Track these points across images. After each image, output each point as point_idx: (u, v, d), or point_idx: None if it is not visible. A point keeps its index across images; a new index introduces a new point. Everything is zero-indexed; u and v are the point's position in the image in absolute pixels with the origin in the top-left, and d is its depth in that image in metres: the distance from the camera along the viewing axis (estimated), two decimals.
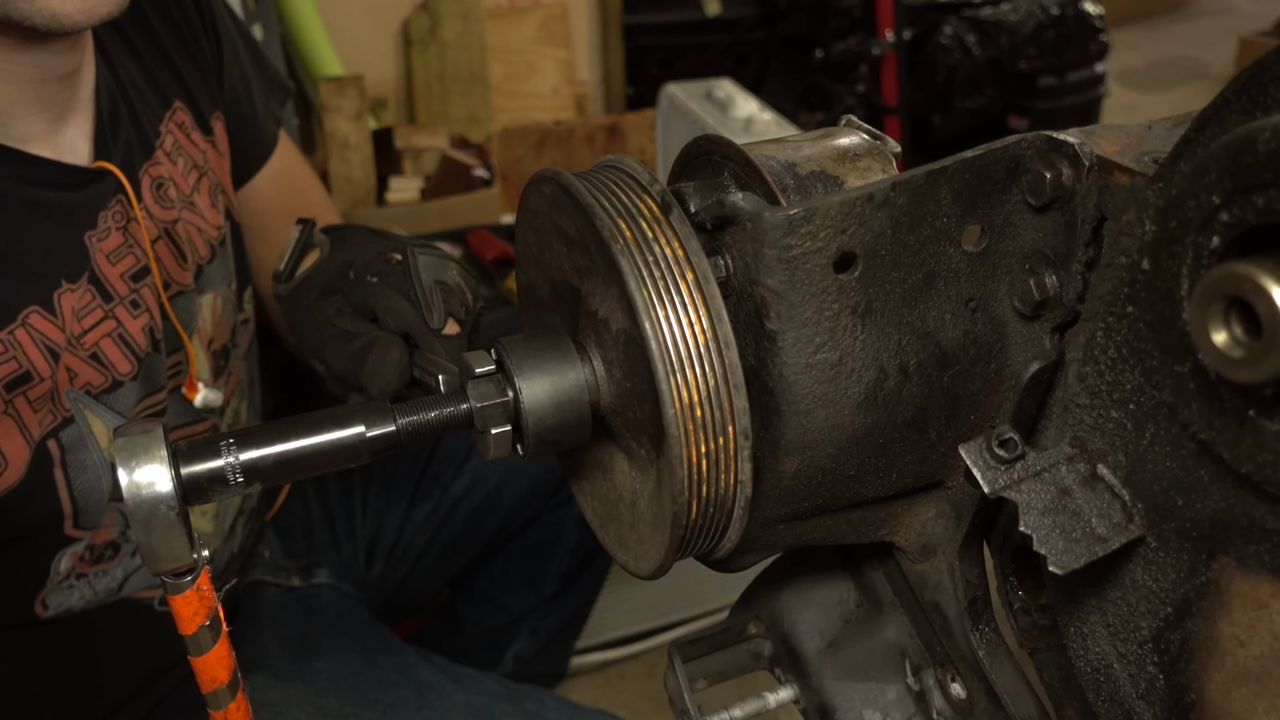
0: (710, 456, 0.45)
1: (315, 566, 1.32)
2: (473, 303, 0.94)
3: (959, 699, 0.59)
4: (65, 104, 0.96)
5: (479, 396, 0.51)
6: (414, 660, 1.22)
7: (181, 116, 1.11)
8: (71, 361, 0.95)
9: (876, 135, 0.53)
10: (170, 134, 1.09)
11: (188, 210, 1.09)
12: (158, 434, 0.48)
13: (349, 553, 1.37)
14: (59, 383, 0.94)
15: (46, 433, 0.93)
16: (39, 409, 0.92)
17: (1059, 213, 0.46)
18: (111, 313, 0.98)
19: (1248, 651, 0.42)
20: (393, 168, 2.66)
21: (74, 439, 0.95)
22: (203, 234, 1.12)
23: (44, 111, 0.94)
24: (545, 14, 3.25)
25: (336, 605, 1.29)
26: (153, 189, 1.05)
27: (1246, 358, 0.34)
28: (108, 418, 0.98)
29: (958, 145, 0.90)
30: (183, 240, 1.08)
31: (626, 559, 0.54)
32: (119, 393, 0.99)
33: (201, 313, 1.11)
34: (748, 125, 1.89)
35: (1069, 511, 0.45)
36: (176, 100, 1.11)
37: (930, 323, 0.48)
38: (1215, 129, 0.38)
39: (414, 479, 1.41)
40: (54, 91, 0.94)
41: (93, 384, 0.96)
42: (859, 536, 0.56)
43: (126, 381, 0.99)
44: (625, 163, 0.50)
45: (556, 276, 0.54)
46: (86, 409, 0.96)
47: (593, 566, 1.55)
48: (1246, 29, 4.92)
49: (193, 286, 1.09)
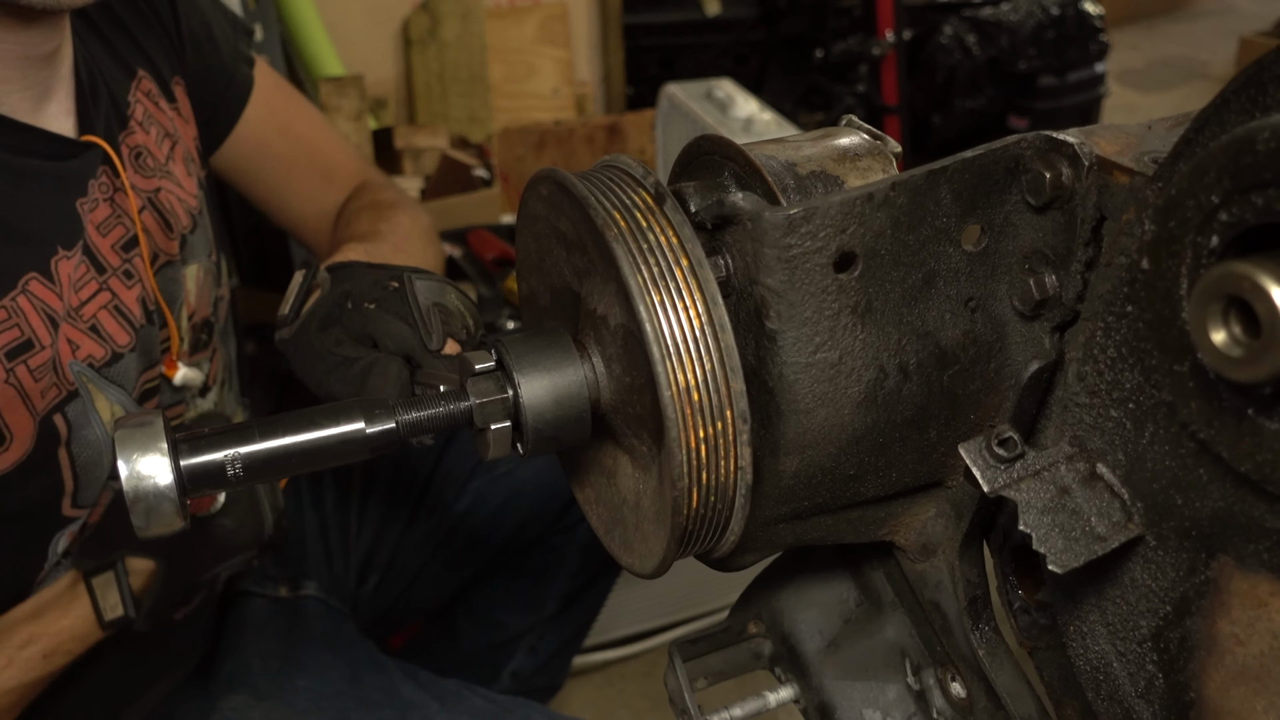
0: (709, 442, 0.45)
1: (304, 578, 1.31)
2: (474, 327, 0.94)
3: (959, 698, 0.59)
4: (47, 82, 0.97)
5: (479, 393, 0.51)
6: (399, 679, 1.21)
7: (147, 85, 1.11)
8: (72, 334, 0.95)
9: (876, 135, 0.53)
10: (139, 103, 1.09)
11: (166, 179, 1.10)
12: (158, 426, 0.48)
13: (340, 565, 1.36)
14: (61, 355, 0.94)
15: (52, 407, 0.94)
16: (40, 378, 0.92)
17: (1059, 212, 0.46)
18: (106, 284, 0.99)
19: (1247, 650, 0.42)
20: (393, 168, 2.66)
21: (79, 414, 0.96)
22: (183, 203, 1.12)
23: (27, 90, 0.95)
24: (545, 14, 3.25)
25: (322, 619, 1.28)
26: (132, 159, 1.06)
27: (1245, 357, 0.34)
28: (110, 391, 0.99)
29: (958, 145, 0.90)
30: (166, 210, 1.08)
31: (631, 561, 0.54)
32: (120, 365, 0.99)
33: (186, 284, 1.12)
34: (748, 125, 1.89)
35: (1068, 510, 0.45)
36: (140, 69, 1.10)
37: (930, 322, 0.48)
38: (1215, 129, 0.39)
39: (415, 495, 1.40)
40: (37, 69, 0.95)
41: (95, 357, 0.97)
42: (859, 536, 0.56)
43: (126, 354, 1.00)
44: (620, 160, 0.50)
45: (557, 283, 0.54)
46: (90, 382, 0.97)
47: (593, 589, 1.54)
48: (1246, 29, 4.92)
49: (179, 257, 1.10)
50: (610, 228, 0.46)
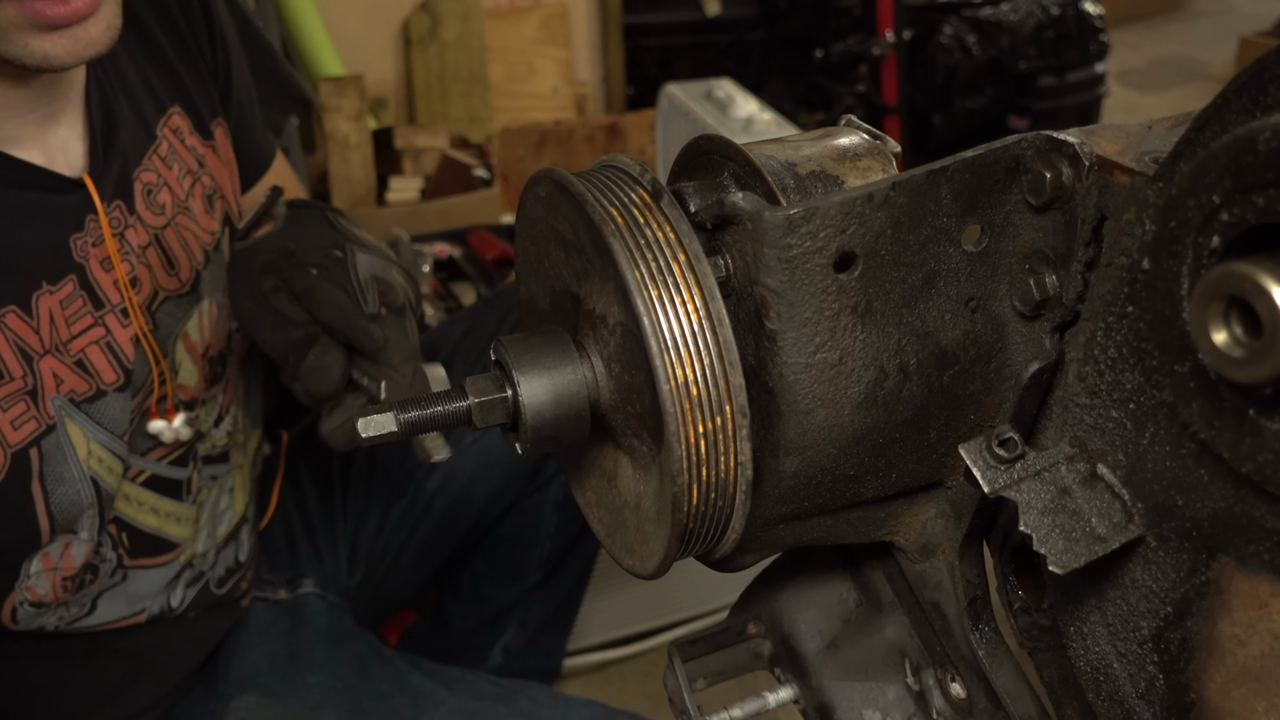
0: (708, 437, 0.45)
1: (300, 577, 1.33)
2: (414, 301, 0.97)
3: (959, 699, 0.59)
4: (52, 104, 0.96)
5: (478, 393, 0.51)
6: (404, 668, 1.23)
7: (178, 121, 1.11)
8: (56, 367, 0.94)
9: (876, 135, 0.53)
10: (165, 139, 1.09)
11: (182, 215, 1.09)
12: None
13: (332, 561, 1.37)
14: (45, 388, 0.93)
15: (29, 440, 0.93)
16: (7, 408, 0.92)
17: (1059, 212, 0.46)
18: (101, 320, 0.98)
19: (1248, 651, 0.42)
20: (393, 168, 2.66)
21: (52, 448, 0.95)
22: (198, 239, 1.11)
23: (29, 112, 0.94)
24: (545, 14, 3.25)
25: (324, 616, 1.29)
26: (143, 194, 1.05)
27: (1246, 357, 0.34)
28: (88, 428, 0.97)
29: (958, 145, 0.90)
30: (173, 246, 1.07)
31: (632, 563, 0.54)
32: (101, 402, 0.98)
33: (200, 319, 1.11)
34: (748, 125, 1.89)
35: (1069, 511, 0.45)
36: (173, 105, 1.11)
37: (930, 322, 0.48)
38: (1215, 129, 0.38)
39: (389, 480, 1.42)
40: (38, 92, 0.94)
41: (76, 391, 0.96)
42: (859, 536, 0.56)
43: (110, 392, 0.99)
44: (618, 160, 0.50)
45: (556, 285, 0.54)
46: (67, 416, 0.96)
47: (575, 553, 1.54)
48: (1246, 29, 4.92)
49: (186, 291, 1.09)
50: (607, 223, 0.46)
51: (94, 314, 0.97)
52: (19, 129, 0.93)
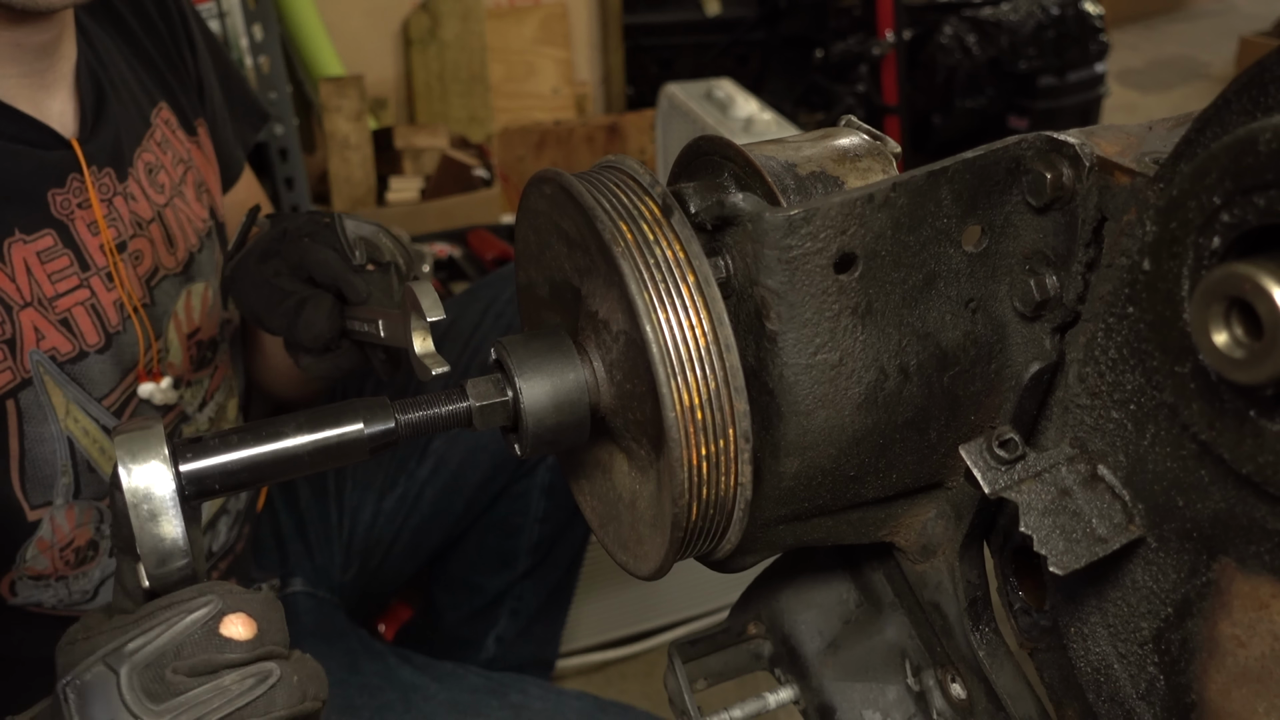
0: (710, 459, 0.45)
1: (289, 576, 1.34)
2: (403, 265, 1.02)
3: (959, 699, 0.59)
4: (44, 74, 0.99)
5: (479, 395, 0.51)
6: (395, 663, 1.23)
7: (166, 114, 1.16)
8: (39, 321, 0.96)
9: (876, 135, 0.53)
10: (158, 128, 1.13)
11: (178, 199, 1.13)
12: (157, 431, 0.48)
13: (323, 557, 1.38)
14: (24, 340, 0.95)
15: (5, 391, 0.94)
16: None
17: (1059, 213, 0.46)
18: (86, 282, 1.01)
19: (1248, 652, 0.42)
20: (393, 168, 2.66)
21: (31, 404, 0.96)
22: (192, 224, 1.15)
23: (21, 75, 0.97)
24: (545, 14, 3.25)
25: (314, 613, 1.30)
26: (146, 172, 1.09)
27: (1247, 358, 0.34)
28: (68, 388, 0.99)
29: (958, 145, 0.90)
30: (174, 226, 1.11)
31: (626, 559, 0.54)
32: (84, 364, 1.00)
33: (191, 300, 1.13)
34: (748, 125, 1.89)
35: (1069, 512, 0.45)
36: (161, 101, 1.15)
37: (930, 323, 0.48)
38: (1216, 129, 0.38)
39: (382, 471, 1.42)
40: (30, 57, 0.97)
41: (59, 350, 0.98)
42: (859, 537, 0.56)
43: (92, 354, 1.01)
44: (626, 164, 0.50)
45: (557, 276, 0.54)
46: (48, 374, 0.98)
47: (564, 540, 1.54)
48: (1246, 29, 4.92)
49: (180, 271, 1.12)
50: (618, 242, 0.45)
51: (80, 275, 1.00)
52: (12, 90, 0.96)
